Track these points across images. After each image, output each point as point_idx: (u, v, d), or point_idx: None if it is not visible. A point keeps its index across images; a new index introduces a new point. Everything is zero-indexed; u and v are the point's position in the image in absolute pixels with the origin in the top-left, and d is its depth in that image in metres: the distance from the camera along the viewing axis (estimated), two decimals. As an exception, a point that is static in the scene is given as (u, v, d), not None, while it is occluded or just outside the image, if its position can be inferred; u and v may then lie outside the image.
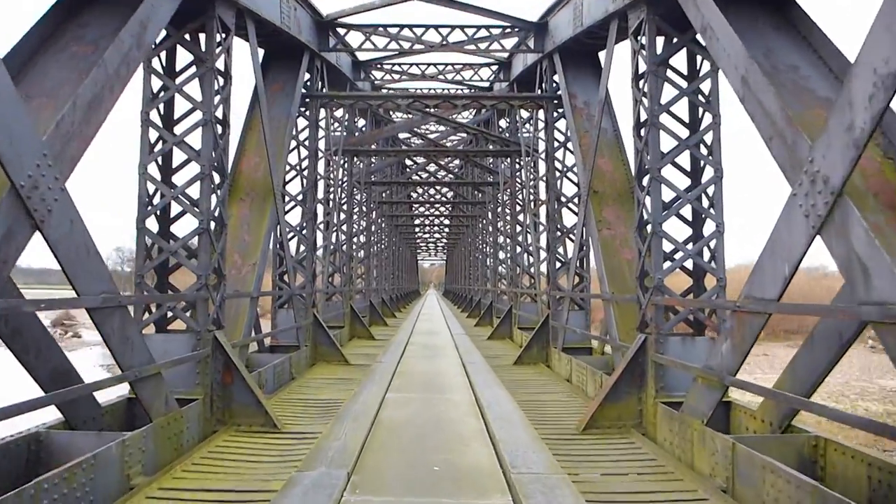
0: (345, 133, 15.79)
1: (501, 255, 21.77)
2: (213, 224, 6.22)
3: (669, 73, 6.55)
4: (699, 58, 6.50)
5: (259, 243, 7.97)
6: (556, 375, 9.88)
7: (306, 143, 11.57)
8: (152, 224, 6.27)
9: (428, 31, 11.78)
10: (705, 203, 6.37)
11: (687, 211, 6.56)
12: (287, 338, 10.54)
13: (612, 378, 6.33)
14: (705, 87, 6.44)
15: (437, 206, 34.02)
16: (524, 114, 15.98)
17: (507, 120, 18.34)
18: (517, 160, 16.83)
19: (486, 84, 16.90)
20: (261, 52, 10.47)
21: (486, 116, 20.30)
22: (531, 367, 10.86)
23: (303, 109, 11.59)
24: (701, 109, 6.47)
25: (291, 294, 9.78)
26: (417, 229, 47.42)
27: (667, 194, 6.31)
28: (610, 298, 7.48)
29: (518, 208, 16.93)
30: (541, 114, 14.46)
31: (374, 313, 20.97)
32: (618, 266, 7.98)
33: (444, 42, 11.71)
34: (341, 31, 11.85)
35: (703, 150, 6.41)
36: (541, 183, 14.41)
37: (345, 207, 16.27)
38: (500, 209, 21.63)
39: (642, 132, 6.49)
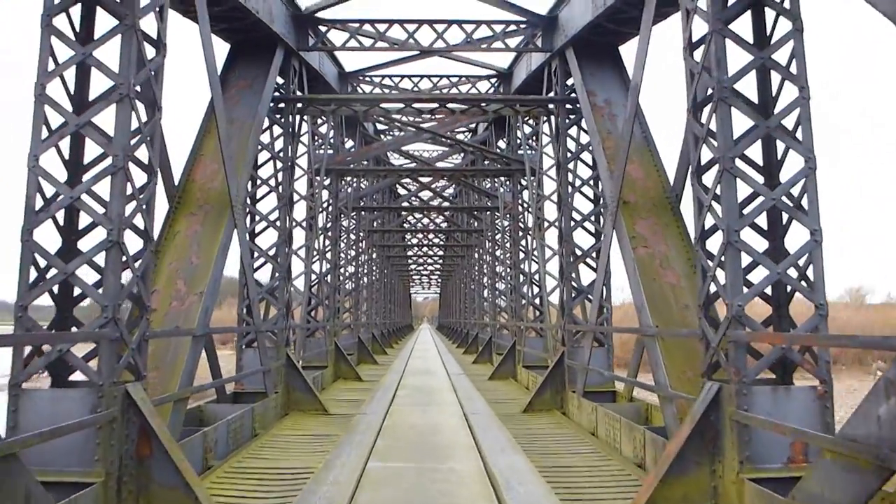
0: (329, 150, 14.26)
1: (501, 285, 20.14)
2: (129, 236, 4.57)
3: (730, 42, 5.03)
4: (770, 18, 5.00)
5: (209, 267, 6.30)
6: (576, 427, 8.15)
7: (281, 154, 10.01)
8: (49, 237, 4.62)
9: (421, 27, 10.35)
10: (788, 203, 4.79)
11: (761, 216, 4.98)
12: (255, 383, 8.80)
13: (674, 443, 4.63)
14: (781, 55, 4.92)
15: (430, 235, 32.44)
16: (527, 129, 14.53)
17: (507, 140, 16.89)
18: (519, 180, 15.34)
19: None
20: (227, 46, 9.03)
21: (483, 137, 18.89)
22: (545, 415, 9.12)
23: (278, 117, 10.07)
24: (776, 82, 4.94)
25: (255, 330, 8.06)
26: (410, 261, 45.83)
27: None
28: (655, 333, 5.84)
29: (520, 233, 15.36)
30: (546, 128, 13.05)
31: (362, 350, 19.16)
32: (659, 292, 6.36)
33: (440, 39, 10.27)
34: (322, 28, 10.42)
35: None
36: (547, 203, 12.90)
37: (329, 233, 14.64)
38: (499, 236, 20.07)
39: (704, 113, 4.94)
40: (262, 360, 8.15)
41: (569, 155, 9.97)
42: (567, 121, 9.96)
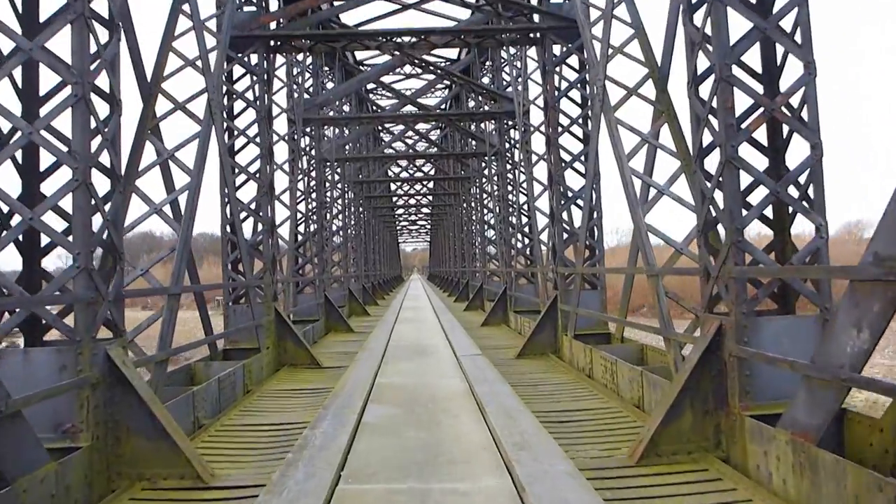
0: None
1: (522, 218, 15.09)
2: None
3: None
4: None
5: None
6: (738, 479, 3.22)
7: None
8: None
9: None
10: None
11: None
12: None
13: None
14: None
15: (417, 184, 27.31)
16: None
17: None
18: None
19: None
20: None
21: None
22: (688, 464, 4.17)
23: None
24: None
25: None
26: (398, 209, 40.49)
27: None
28: None
29: (566, 121, 9.92)
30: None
31: (332, 315, 14.09)
32: None
33: None
34: None
35: None
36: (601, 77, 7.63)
37: (259, 140, 9.21)
38: (516, 150, 14.98)
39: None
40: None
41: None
42: None
